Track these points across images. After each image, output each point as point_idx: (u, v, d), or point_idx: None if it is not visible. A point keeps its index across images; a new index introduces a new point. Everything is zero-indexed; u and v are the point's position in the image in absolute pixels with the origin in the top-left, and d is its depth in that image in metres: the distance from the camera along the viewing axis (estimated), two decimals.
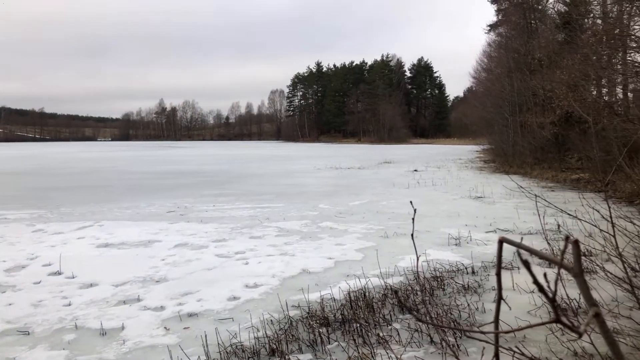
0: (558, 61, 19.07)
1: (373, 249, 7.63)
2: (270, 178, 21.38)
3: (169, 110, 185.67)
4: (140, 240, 8.53)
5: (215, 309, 5.13)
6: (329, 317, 4.69)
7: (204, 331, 4.34)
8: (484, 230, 9.00)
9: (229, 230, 9.41)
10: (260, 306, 5.20)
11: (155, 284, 6.02)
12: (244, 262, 7.00)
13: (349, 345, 4.09)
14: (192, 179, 20.96)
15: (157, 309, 5.16)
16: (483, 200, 13.15)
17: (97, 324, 4.70)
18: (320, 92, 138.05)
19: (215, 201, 13.54)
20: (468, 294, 5.43)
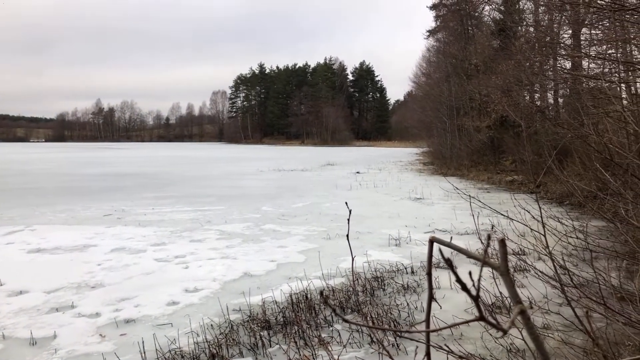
0: (493, 67, 19.77)
1: (315, 250, 7.65)
2: (212, 180, 21.08)
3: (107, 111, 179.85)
4: (75, 245, 8.22)
5: (154, 314, 5.01)
6: (270, 320, 4.67)
7: (142, 337, 4.23)
8: (423, 231, 9.21)
9: (168, 233, 9.21)
10: (200, 311, 5.11)
11: (91, 290, 5.82)
12: (184, 266, 6.87)
13: (290, 348, 4.08)
14: (131, 182, 20.39)
15: (92, 315, 4.98)
16: (422, 201, 13.46)
17: (27, 333, 4.49)
18: (263, 94, 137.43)
19: (155, 204, 13.23)
20: (408, 294, 5.54)
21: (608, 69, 10.78)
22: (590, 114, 10.01)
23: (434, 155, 31.17)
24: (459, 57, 25.14)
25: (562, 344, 3.74)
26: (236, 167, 31.02)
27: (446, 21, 29.29)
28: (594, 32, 12.50)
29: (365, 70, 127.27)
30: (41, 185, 19.07)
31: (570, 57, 14.80)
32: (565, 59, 16.34)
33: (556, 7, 15.39)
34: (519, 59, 16.10)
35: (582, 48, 13.56)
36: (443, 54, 28.00)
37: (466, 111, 24.40)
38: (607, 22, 10.05)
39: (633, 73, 8.44)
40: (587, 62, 14.04)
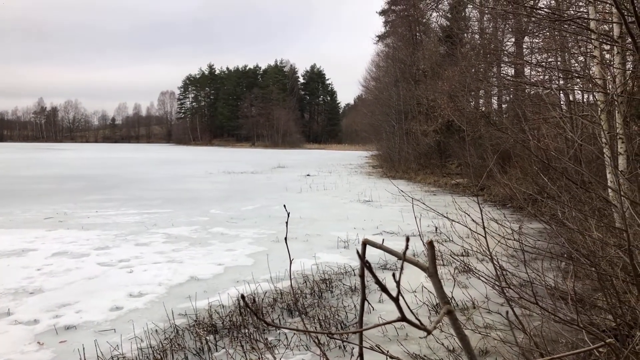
0: (440, 72, 20.25)
1: (264, 253, 7.63)
2: (159, 183, 20.68)
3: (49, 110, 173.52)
4: (13, 249, 7.90)
5: (96, 320, 4.88)
6: (217, 324, 4.63)
7: (82, 344, 4.11)
8: (371, 233, 9.34)
9: (112, 237, 8.98)
10: (144, 316, 5.01)
11: (29, 296, 5.61)
12: (128, 270, 6.72)
13: (236, 352, 4.06)
14: (74, 184, 19.75)
15: (30, 322, 4.81)
16: (371, 204, 13.63)
17: None
18: (213, 95, 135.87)
19: (99, 207, 12.86)
20: (355, 295, 5.60)
21: (548, 76, 11.26)
22: (531, 120, 10.42)
23: (383, 159, 31.61)
24: (407, 62, 25.61)
25: (502, 343, 3.88)
26: (184, 169, 30.53)
27: (395, 27, 29.81)
28: (535, 40, 13.03)
29: (316, 74, 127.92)
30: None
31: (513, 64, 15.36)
32: (508, 66, 16.95)
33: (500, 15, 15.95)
34: (465, 65, 16.58)
35: (524, 56, 14.10)
36: (392, 58, 28.46)
37: (414, 115, 24.87)
38: (547, 31, 10.50)
39: (571, 81, 8.82)
40: (528, 69, 14.62)
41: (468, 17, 23.45)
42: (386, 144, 29.96)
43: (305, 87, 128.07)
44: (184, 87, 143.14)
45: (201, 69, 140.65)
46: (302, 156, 54.83)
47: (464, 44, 21.50)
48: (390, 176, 23.78)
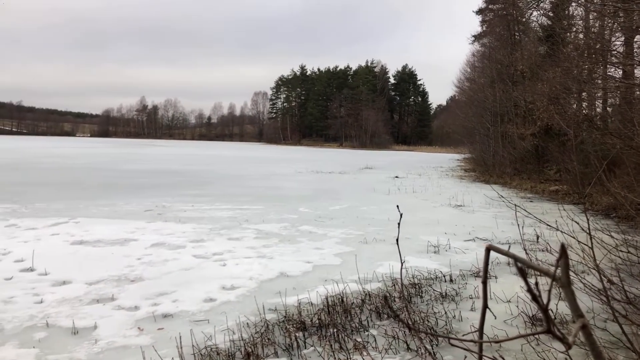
0: (540, 74, 19.32)
1: (352, 254, 7.60)
2: (250, 180, 21.27)
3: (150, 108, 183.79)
4: (117, 239, 8.39)
5: (191, 310, 5.06)
6: (305, 321, 4.65)
7: (179, 332, 4.28)
8: (462, 239, 9.05)
9: (207, 230, 9.31)
10: (236, 308, 5.13)
11: (130, 284, 5.92)
12: (221, 264, 6.93)
13: (325, 351, 4.05)
14: (172, 179, 20.76)
15: (131, 308, 5.06)
16: (462, 208, 13.23)
17: (69, 322, 4.60)
18: (303, 96, 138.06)
19: (194, 201, 13.41)
20: (445, 302, 5.43)
21: None
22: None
23: (476, 162, 30.66)
24: (504, 62, 24.65)
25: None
26: (274, 167, 31.22)
27: (492, 26, 28.81)
28: None
29: (408, 74, 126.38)
30: (85, 179, 19.60)
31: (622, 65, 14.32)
32: (616, 67, 15.83)
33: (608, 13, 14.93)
34: (567, 66, 15.69)
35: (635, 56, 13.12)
36: (488, 59, 27.53)
37: (510, 118, 23.90)
38: None
39: None
40: None
41: (572, 15, 22.17)
42: (479, 147, 29.02)
43: (396, 88, 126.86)
44: (276, 87, 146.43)
45: (293, 70, 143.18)
46: (391, 157, 54.38)
47: (567, 43, 20.34)
48: (483, 180, 23.01)
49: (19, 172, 22.14)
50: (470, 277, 6.47)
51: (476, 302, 5.40)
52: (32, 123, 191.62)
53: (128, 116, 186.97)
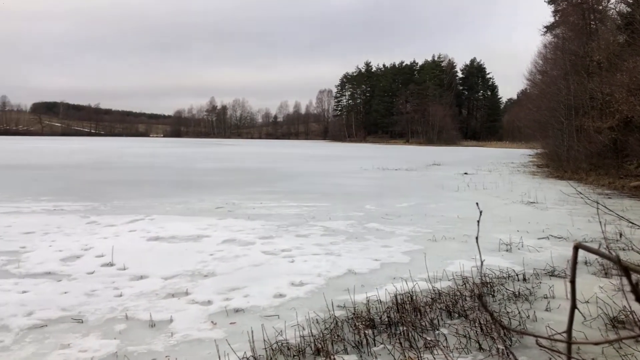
0: (619, 64, 18.33)
1: (420, 252, 7.51)
2: (316, 177, 21.42)
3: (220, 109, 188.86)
4: (190, 235, 8.68)
5: (261, 305, 5.16)
6: (374, 319, 4.64)
7: (251, 327, 4.37)
8: (536, 237, 8.73)
9: (275, 227, 9.46)
10: (305, 305, 5.19)
11: (204, 279, 6.11)
12: (290, 260, 7.02)
13: (395, 349, 4.03)
14: (240, 177, 21.24)
15: (204, 303, 5.22)
16: (536, 205, 12.77)
17: (147, 315, 4.80)
18: (368, 92, 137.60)
19: (262, 199, 13.66)
20: (519, 302, 5.27)
21: None
22: None
23: (549, 157, 29.50)
24: (579, 53, 23.56)
25: None
26: (340, 165, 31.30)
27: (566, 15, 27.61)
28: None
29: (476, 68, 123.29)
30: (159, 178, 20.40)
31: None
32: None
33: None
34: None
35: None
36: (561, 50, 26.38)
37: (586, 111, 22.83)
38: None
39: None
40: None
41: None
42: (553, 141, 27.89)
43: (464, 82, 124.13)
44: (341, 85, 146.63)
45: (358, 67, 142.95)
46: (459, 153, 53.28)
47: None
48: (557, 176, 22.11)
49: (98, 171, 23.33)
50: (545, 277, 6.24)
51: (551, 302, 5.20)
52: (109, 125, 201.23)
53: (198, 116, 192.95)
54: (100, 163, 29.47)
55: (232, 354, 3.88)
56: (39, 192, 14.58)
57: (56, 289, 5.64)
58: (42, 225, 9.38)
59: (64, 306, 5.07)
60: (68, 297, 5.35)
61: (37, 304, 5.11)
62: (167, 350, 4.08)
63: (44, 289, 5.65)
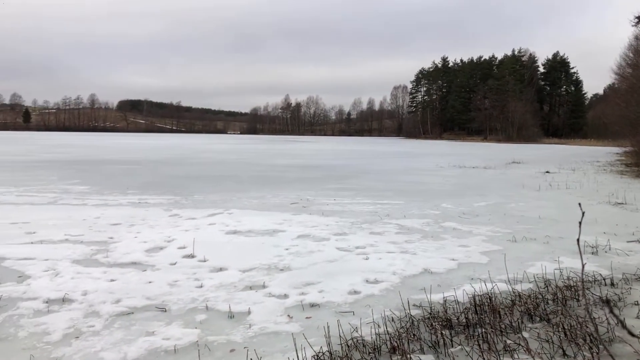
0: None
1: (500, 252, 7.28)
2: (390, 174, 21.26)
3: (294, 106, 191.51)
4: (266, 230, 8.85)
5: (336, 301, 5.18)
6: (451, 319, 4.55)
7: (327, 322, 4.41)
8: (625, 240, 8.24)
9: (349, 224, 9.48)
10: (380, 302, 5.16)
11: (280, 272, 6.22)
12: (364, 257, 7.01)
13: (473, 350, 3.93)
14: (314, 173, 21.44)
15: (280, 296, 5.32)
16: (624, 206, 12.06)
17: (226, 307, 4.94)
18: (445, 88, 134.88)
19: (336, 195, 13.72)
20: (606, 307, 4.99)
21: None
22: None
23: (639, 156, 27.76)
24: None
25: None
26: (415, 162, 30.90)
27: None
28: None
29: (559, 62, 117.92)
30: (237, 173, 20.95)
31: None
32: None
33: None
34: None
35: None
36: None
37: None
38: None
39: None
40: None
41: None
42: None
43: (546, 77, 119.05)
44: (416, 81, 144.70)
45: (434, 62, 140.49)
46: (540, 151, 51.21)
47: None
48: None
49: (179, 166, 24.28)
50: (636, 282, 5.88)
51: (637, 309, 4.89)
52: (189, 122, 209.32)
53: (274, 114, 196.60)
54: (181, 159, 30.67)
55: (309, 348, 3.93)
56: (125, 185, 15.37)
57: (141, 279, 5.92)
58: (128, 218, 9.88)
59: (149, 295, 5.31)
60: (152, 287, 5.61)
61: (124, 292, 5.39)
62: (245, 342, 4.18)
63: (130, 278, 5.94)
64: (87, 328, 4.44)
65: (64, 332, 4.34)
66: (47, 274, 6.06)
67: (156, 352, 4.00)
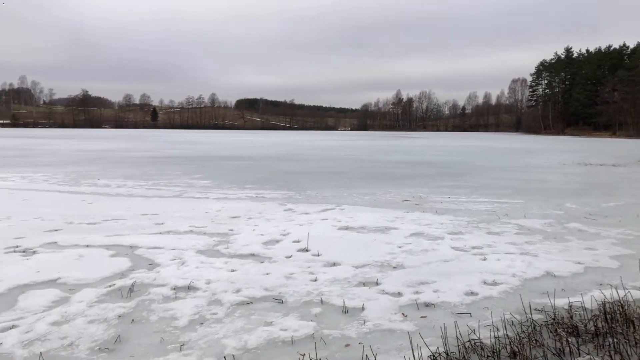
0: None
1: (633, 257, 6.71)
2: (508, 172, 20.35)
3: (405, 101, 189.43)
4: (378, 226, 8.84)
5: (452, 302, 5.05)
6: (578, 326, 4.26)
7: (443, 323, 4.31)
8: None
9: (464, 223, 9.20)
10: (499, 305, 4.96)
11: (393, 270, 6.18)
12: (481, 258, 6.77)
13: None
14: (426, 170, 21.07)
15: (394, 294, 5.28)
16: None
17: (340, 301, 5.00)
18: (568, 81, 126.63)
19: (450, 193, 13.38)
20: None
21: None
22: None
23: None
24: None
25: None
26: (535, 159, 29.33)
27: None
28: None
29: None
30: (347, 169, 21.12)
31: None
32: None
33: None
34: None
35: None
36: None
37: None
38: None
39: None
40: None
41: None
42: None
43: None
44: (537, 73, 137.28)
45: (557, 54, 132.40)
46: None
47: None
48: None
49: (293, 162, 24.96)
50: None
51: None
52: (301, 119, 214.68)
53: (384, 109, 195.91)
54: (295, 154, 31.50)
55: (425, 347, 3.86)
56: (243, 180, 16.08)
57: (259, 270, 6.16)
58: (246, 211, 10.32)
59: (266, 286, 5.51)
60: (269, 278, 5.81)
61: (244, 283, 5.63)
62: (359, 337, 4.20)
63: (249, 269, 6.20)
64: (210, 315, 4.70)
65: (190, 318, 4.62)
66: (174, 262, 6.49)
67: (274, 342, 4.14)
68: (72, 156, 28.39)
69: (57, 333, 4.25)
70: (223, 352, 3.92)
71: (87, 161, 24.51)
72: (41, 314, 4.68)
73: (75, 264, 6.38)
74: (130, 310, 4.79)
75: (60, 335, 4.21)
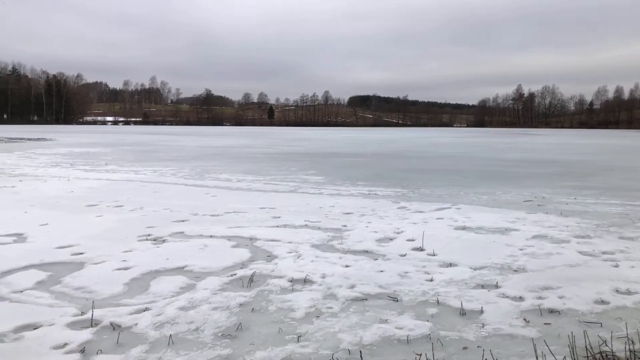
0: None
1: None
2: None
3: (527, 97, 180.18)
4: (497, 227, 8.49)
5: (580, 309, 4.72)
6: None
7: (571, 331, 4.05)
8: None
9: (593, 226, 8.56)
10: (634, 316, 4.56)
11: (513, 273, 5.90)
12: (612, 264, 6.27)
13: None
14: (548, 169, 19.88)
15: (515, 298, 5.04)
16: None
17: (457, 303, 4.86)
18: None
19: (577, 194, 12.52)
20: None
21: None
22: None
23: None
24: None
25: None
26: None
27: None
28: None
29: None
30: (463, 167, 20.50)
31: None
32: None
33: None
34: None
35: None
36: None
37: None
38: None
39: None
40: None
41: None
42: None
43: None
44: None
45: None
46: None
47: None
48: None
49: (406, 159, 24.70)
50: None
51: None
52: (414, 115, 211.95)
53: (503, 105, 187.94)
54: (408, 152, 31.15)
55: (550, 355, 3.65)
56: (355, 177, 16.18)
57: (373, 267, 6.16)
58: (359, 208, 10.36)
59: (381, 283, 5.49)
60: (384, 276, 5.79)
61: (358, 279, 5.66)
62: (478, 341, 4.06)
63: (363, 265, 6.22)
64: (326, 309, 4.78)
65: (306, 311, 4.72)
66: (290, 255, 6.68)
67: (390, 340, 4.12)
68: (197, 152, 30.24)
69: (184, 317, 4.54)
70: (339, 346, 3.97)
71: (210, 156, 25.97)
72: (170, 299, 5.02)
73: (200, 253, 6.78)
74: (250, 300, 5.00)
75: (187, 319, 4.49)
